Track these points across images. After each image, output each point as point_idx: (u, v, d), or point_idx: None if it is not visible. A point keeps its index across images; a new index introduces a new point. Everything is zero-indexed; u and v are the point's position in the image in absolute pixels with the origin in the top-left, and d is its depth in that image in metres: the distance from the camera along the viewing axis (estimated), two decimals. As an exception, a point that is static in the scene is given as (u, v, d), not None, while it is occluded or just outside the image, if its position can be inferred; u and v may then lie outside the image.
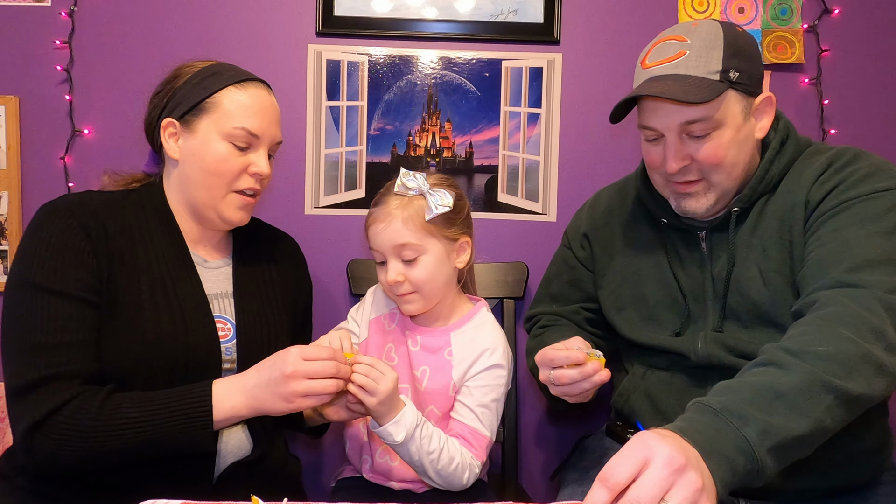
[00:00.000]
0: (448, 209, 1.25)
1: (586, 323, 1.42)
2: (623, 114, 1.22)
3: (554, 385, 1.16)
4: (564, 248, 1.47)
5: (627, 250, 1.34)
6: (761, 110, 1.19)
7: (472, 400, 1.29)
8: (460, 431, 1.28)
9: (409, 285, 1.28)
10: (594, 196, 1.48)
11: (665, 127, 1.16)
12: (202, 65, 1.25)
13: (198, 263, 1.25)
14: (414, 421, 1.17)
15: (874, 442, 1.21)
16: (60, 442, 1.04)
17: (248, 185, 1.23)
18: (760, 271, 1.18)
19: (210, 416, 1.09)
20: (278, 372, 1.08)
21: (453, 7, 1.80)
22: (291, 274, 1.41)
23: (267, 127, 1.23)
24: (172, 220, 1.25)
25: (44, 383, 1.06)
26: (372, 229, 1.29)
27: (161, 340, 1.14)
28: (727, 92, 1.13)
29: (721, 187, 1.19)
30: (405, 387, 1.33)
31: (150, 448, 1.08)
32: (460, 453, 1.24)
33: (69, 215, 1.13)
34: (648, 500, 0.68)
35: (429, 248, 1.27)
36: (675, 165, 1.17)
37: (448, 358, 1.32)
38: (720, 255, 1.23)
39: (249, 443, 1.24)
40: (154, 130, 1.25)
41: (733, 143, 1.15)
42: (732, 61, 1.13)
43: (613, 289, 1.34)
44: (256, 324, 1.27)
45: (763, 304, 1.17)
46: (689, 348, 1.22)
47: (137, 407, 1.07)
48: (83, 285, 1.10)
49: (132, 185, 1.29)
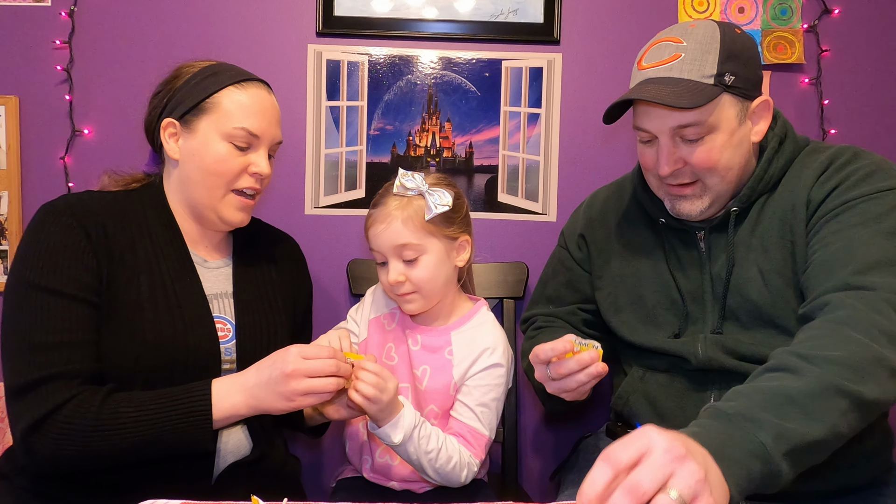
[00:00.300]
0: (447, 208, 1.26)
1: (583, 324, 1.41)
2: (618, 114, 1.22)
3: (551, 381, 1.14)
4: (561, 248, 1.46)
5: (625, 251, 1.33)
6: (758, 114, 1.18)
7: (472, 399, 1.30)
8: (459, 430, 1.29)
9: (410, 285, 1.28)
10: (590, 196, 1.47)
11: (658, 130, 1.16)
12: (202, 65, 1.24)
13: (198, 264, 1.25)
14: (412, 422, 1.18)
15: (875, 443, 1.20)
16: (59, 442, 1.04)
17: (248, 184, 1.23)
18: (761, 272, 1.17)
19: (210, 416, 1.09)
20: (278, 371, 1.08)
21: (453, 7, 1.80)
22: (291, 274, 1.41)
23: (267, 127, 1.23)
24: (172, 220, 1.24)
25: (43, 383, 1.06)
26: (372, 230, 1.30)
27: (161, 341, 1.14)
28: (721, 96, 1.12)
29: (715, 190, 1.18)
30: (405, 386, 1.34)
31: (149, 448, 1.08)
32: (458, 452, 1.25)
33: (69, 215, 1.13)
34: (649, 485, 0.67)
35: (429, 248, 1.28)
36: (668, 169, 1.16)
37: (448, 357, 1.32)
38: (719, 256, 1.22)
39: (249, 443, 1.24)
40: (154, 130, 1.25)
41: (727, 146, 1.15)
42: (728, 65, 1.12)
43: (611, 290, 1.33)
44: (256, 324, 1.27)
45: (763, 304, 1.16)
46: (689, 351, 1.21)
47: (136, 407, 1.07)
48: (83, 285, 1.10)
49: (132, 185, 1.29)
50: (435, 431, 1.23)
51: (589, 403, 1.87)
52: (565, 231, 1.47)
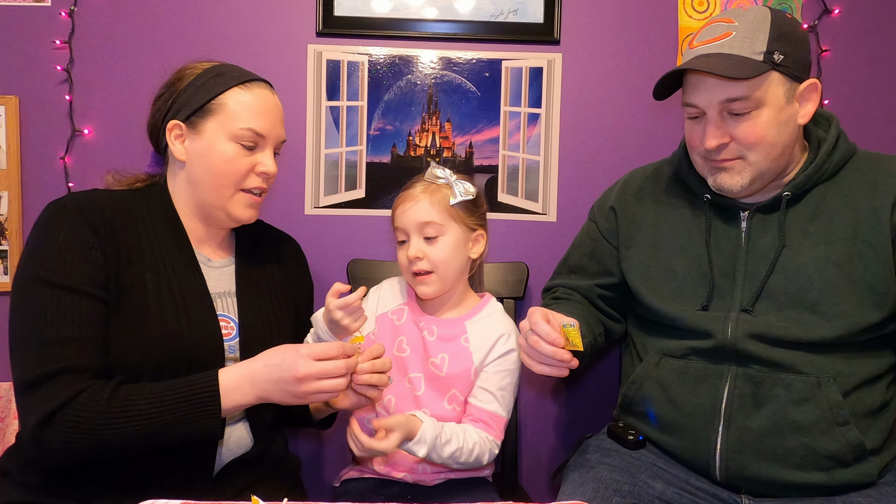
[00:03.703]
0: (472, 196, 1.39)
1: (600, 300, 1.44)
2: (666, 91, 1.27)
3: (525, 348, 1.18)
4: (590, 221, 1.51)
5: (661, 224, 1.36)
6: (805, 96, 1.22)
7: (493, 384, 1.38)
8: (480, 417, 1.37)
9: (427, 263, 1.37)
10: (627, 174, 1.50)
11: (707, 103, 1.20)
12: (205, 66, 1.25)
13: (202, 262, 1.26)
14: (433, 434, 1.27)
15: (879, 440, 1.21)
16: (70, 435, 1.05)
17: (256, 184, 1.25)
18: (815, 260, 1.21)
19: (218, 404, 1.10)
20: (290, 374, 1.10)
21: (453, 7, 1.80)
22: (293, 274, 1.42)
23: (272, 127, 1.24)
24: (177, 219, 1.25)
25: (53, 377, 1.06)
26: (400, 209, 1.39)
27: (166, 338, 1.15)
28: (770, 73, 1.17)
29: (758, 167, 1.22)
30: (418, 376, 1.40)
31: (160, 437, 1.09)
32: (478, 441, 1.33)
33: (77, 212, 1.14)
34: None
35: (449, 230, 1.37)
36: (714, 142, 1.21)
37: (465, 344, 1.40)
38: (763, 237, 1.25)
39: (250, 438, 1.25)
40: (159, 133, 1.26)
41: (773, 123, 1.19)
42: (777, 44, 1.17)
43: (642, 259, 1.36)
44: (259, 322, 1.28)
45: (810, 291, 1.20)
46: (716, 328, 1.24)
47: (146, 398, 1.08)
48: (91, 280, 1.11)
49: (136, 185, 1.30)
50: (454, 433, 1.31)
51: (592, 402, 1.87)
52: (595, 205, 1.51)
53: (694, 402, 1.25)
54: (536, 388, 1.88)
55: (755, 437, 1.20)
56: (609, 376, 1.86)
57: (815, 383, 1.18)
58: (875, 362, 1.23)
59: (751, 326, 1.22)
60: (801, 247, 1.23)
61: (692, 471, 1.28)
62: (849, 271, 1.20)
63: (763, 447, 1.20)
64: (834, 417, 1.17)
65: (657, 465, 1.29)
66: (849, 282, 1.19)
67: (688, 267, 1.30)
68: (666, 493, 1.23)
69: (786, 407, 1.19)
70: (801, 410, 1.18)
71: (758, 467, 1.20)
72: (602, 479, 1.23)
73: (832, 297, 1.19)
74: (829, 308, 1.19)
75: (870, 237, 1.20)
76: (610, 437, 1.38)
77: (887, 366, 1.24)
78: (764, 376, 1.20)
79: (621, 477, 1.24)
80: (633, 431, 1.34)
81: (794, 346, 1.20)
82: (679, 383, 1.27)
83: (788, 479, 1.19)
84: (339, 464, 1.84)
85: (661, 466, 1.29)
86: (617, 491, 1.20)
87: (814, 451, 1.18)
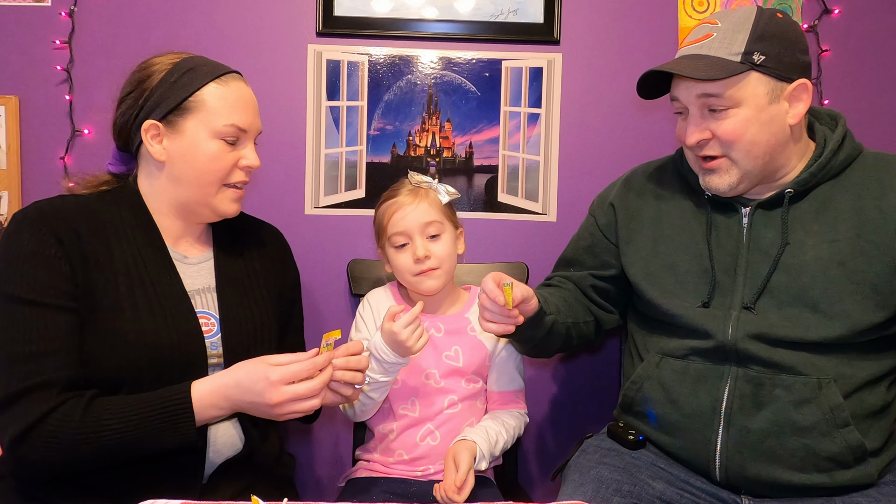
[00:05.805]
0: (458, 195, 1.47)
1: (592, 290, 1.46)
2: (656, 91, 1.31)
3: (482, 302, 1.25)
4: (589, 216, 1.52)
5: (662, 220, 1.37)
6: (796, 96, 1.22)
7: (511, 365, 1.50)
8: (509, 399, 1.49)
9: (435, 260, 1.43)
10: (630, 171, 1.51)
11: (686, 99, 1.24)
12: (172, 59, 1.22)
13: (177, 260, 1.24)
14: (488, 449, 1.36)
15: (879, 441, 1.21)
16: (46, 451, 1.05)
17: (240, 178, 1.25)
18: (818, 258, 1.21)
19: (192, 419, 1.09)
20: (263, 400, 1.08)
21: (453, 7, 1.80)
22: (275, 264, 1.39)
23: (252, 119, 1.25)
24: (150, 219, 1.23)
25: (25, 394, 1.06)
26: (398, 214, 1.43)
27: (144, 341, 1.13)
28: (749, 73, 1.19)
29: (742, 166, 1.23)
30: (433, 372, 1.45)
31: (135, 451, 1.09)
32: (515, 425, 1.45)
33: (39, 222, 1.12)
34: None
35: (447, 228, 1.45)
36: (695, 137, 1.23)
37: (473, 334, 1.48)
38: (765, 233, 1.26)
39: (241, 439, 1.24)
40: (129, 132, 1.23)
41: (752, 122, 1.20)
42: (758, 45, 1.18)
43: (643, 255, 1.37)
44: (241, 316, 1.26)
45: (812, 289, 1.20)
46: (717, 327, 1.24)
47: (118, 415, 1.07)
48: (59, 292, 1.10)
49: (101, 187, 1.27)
50: (497, 431, 1.40)
51: (592, 402, 1.87)
52: (596, 200, 1.53)
53: (694, 402, 1.25)
54: (537, 388, 1.88)
55: (755, 438, 1.20)
56: (609, 376, 1.86)
57: (815, 385, 1.18)
58: (876, 364, 1.22)
59: (751, 326, 1.22)
60: (805, 244, 1.23)
61: (692, 471, 1.28)
62: (852, 270, 1.20)
63: (763, 448, 1.20)
64: (835, 419, 1.17)
65: (657, 465, 1.29)
66: (852, 281, 1.19)
67: (689, 263, 1.31)
68: (666, 494, 1.23)
69: (786, 408, 1.18)
70: (802, 412, 1.18)
71: (758, 468, 1.20)
72: (602, 479, 1.23)
73: (834, 295, 1.19)
74: (831, 307, 1.19)
75: (875, 236, 1.20)
76: (610, 437, 1.38)
77: (888, 367, 1.24)
78: (764, 377, 1.20)
79: (621, 477, 1.24)
80: (633, 431, 1.34)
81: (795, 346, 1.19)
82: (679, 383, 1.27)
83: (788, 480, 1.19)
84: (337, 464, 1.84)
85: (661, 466, 1.29)
86: (617, 491, 1.20)
87: (814, 453, 1.18)
